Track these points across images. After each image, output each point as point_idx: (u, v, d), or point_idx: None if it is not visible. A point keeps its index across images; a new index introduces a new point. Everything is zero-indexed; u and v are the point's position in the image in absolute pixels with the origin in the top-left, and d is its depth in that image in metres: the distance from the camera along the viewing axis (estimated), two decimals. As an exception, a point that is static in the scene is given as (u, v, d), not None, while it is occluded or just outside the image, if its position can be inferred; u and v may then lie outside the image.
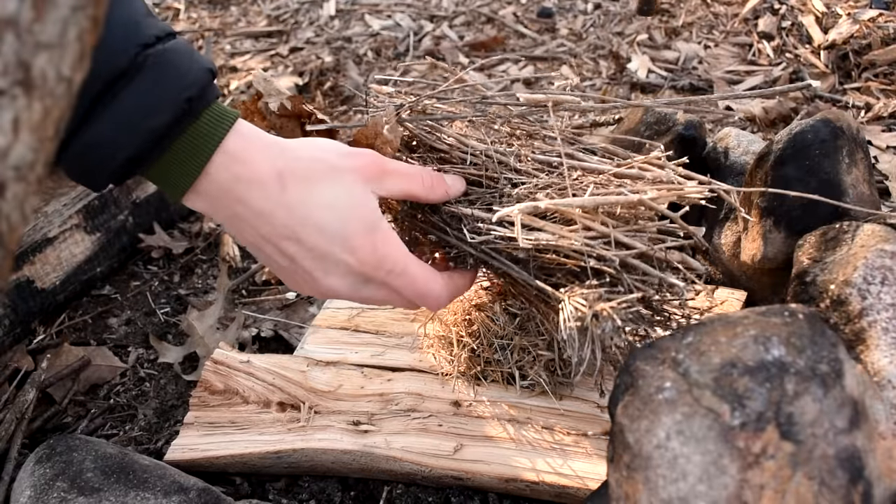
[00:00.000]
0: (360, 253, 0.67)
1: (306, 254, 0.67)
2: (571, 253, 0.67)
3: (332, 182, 0.67)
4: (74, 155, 0.61)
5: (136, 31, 0.61)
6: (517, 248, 0.71)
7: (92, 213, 1.19)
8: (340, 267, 0.68)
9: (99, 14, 0.32)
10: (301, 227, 0.66)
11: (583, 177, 0.75)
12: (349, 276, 0.68)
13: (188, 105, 0.62)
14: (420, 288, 0.71)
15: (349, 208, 0.67)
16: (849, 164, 0.89)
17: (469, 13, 2.21)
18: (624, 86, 1.79)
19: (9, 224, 0.30)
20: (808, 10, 1.89)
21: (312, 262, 0.67)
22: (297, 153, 0.68)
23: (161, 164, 0.64)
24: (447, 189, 0.75)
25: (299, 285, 0.71)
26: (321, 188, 0.67)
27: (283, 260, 0.68)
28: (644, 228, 0.69)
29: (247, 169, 0.65)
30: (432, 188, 0.74)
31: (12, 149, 0.29)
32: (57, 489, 0.74)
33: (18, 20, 0.28)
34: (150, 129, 0.61)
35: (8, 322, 1.09)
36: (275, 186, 0.65)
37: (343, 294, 0.70)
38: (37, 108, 0.30)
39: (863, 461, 0.53)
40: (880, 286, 0.71)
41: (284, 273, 0.70)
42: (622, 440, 0.56)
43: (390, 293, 0.71)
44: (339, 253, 0.67)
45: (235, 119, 0.65)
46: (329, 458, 0.83)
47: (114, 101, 0.59)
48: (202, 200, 0.66)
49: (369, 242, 0.67)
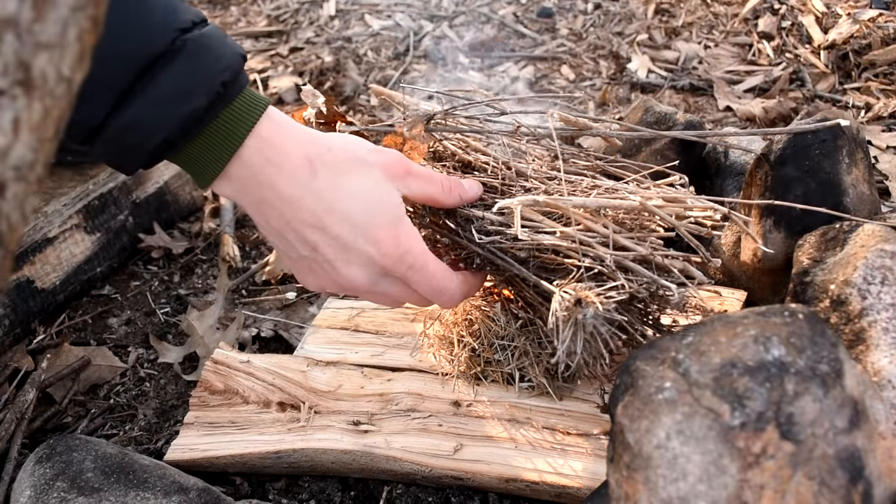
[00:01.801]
0: (384, 245, 0.68)
1: (330, 242, 0.67)
2: (569, 252, 0.69)
3: (361, 174, 0.68)
4: (111, 136, 0.61)
5: (174, 16, 0.62)
6: (520, 248, 0.73)
7: (92, 213, 1.19)
8: (362, 258, 0.68)
9: (99, 14, 0.32)
10: (327, 215, 0.66)
11: (593, 186, 0.78)
12: (370, 268, 0.69)
13: (223, 89, 0.63)
14: (437, 285, 0.71)
15: (375, 201, 0.68)
16: (849, 164, 0.89)
17: (469, 13, 2.21)
18: (624, 86, 1.79)
19: (9, 224, 0.30)
20: (808, 10, 1.89)
21: (335, 252, 0.68)
22: (327, 143, 0.69)
23: (192, 147, 0.64)
24: (464, 193, 0.77)
25: (318, 276, 0.71)
26: (349, 179, 0.68)
27: (305, 248, 0.68)
28: (646, 237, 0.71)
29: (278, 153, 0.66)
30: (451, 192, 0.76)
31: (12, 149, 0.29)
32: (57, 489, 0.74)
33: (18, 20, 0.28)
34: (187, 112, 0.61)
35: (8, 322, 1.09)
36: (305, 172, 0.66)
37: (361, 286, 0.70)
38: (37, 108, 0.30)
39: (863, 461, 0.53)
40: (880, 286, 0.71)
41: (303, 263, 0.71)
42: (622, 440, 0.56)
43: (405, 289, 0.72)
44: (363, 244, 0.67)
45: (267, 105, 0.66)
46: (329, 458, 0.83)
47: (151, 84, 0.60)
48: (231, 185, 0.67)
49: (393, 236, 0.68)
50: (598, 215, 0.71)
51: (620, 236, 0.69)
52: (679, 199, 0.75)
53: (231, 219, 1.38)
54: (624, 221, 0.75)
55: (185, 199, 1.39)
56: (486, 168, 0.81)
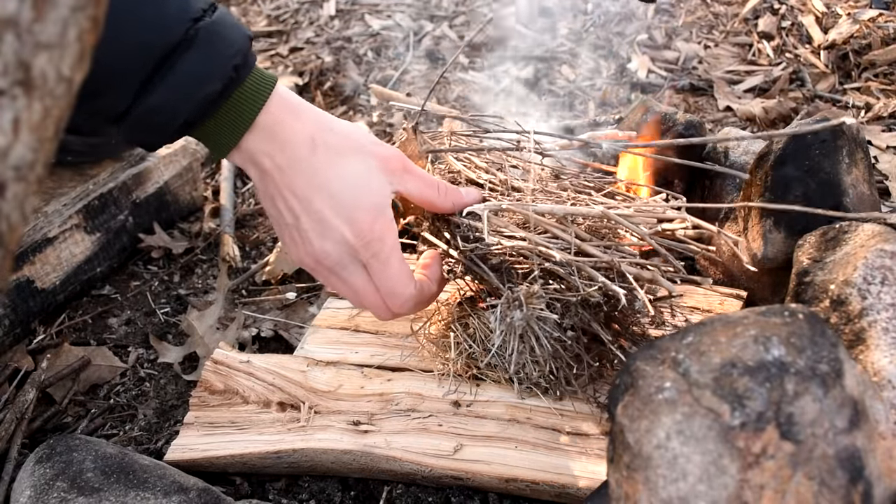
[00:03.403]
0: (359, 227, 0.72)
1: (312, 215, 0.72)
2: (529, 254, 0.73)
3: (357, 160, 0.73)
4: (136, 120, 0.68)
5: (186, 7, 0.67)
6: (494, 254, 0.77)
7: (92, 213, 1.19)
8: (336, 235, 0.72)
9: (99, 14, 0.32)
10: (317, 190, 0.71)
11: (578, 198, 0.83)
12: (341, 246, 0.73)
13: (235, 73, 0.69)
14: (394, 283, 0.75)
15: (364, 187, 0.73)
16: (849, 164, 0.89)
17: (469, 13, 2.21)
18: (624, 86, 1.79)
19: (9, 224, 0.30)
20: (808, 10, 1.89)
21: (313, 224, 0.72)
22: (331, 125, 0.74)
23: (209, 125, 0.70)
24: (459, 199, 0.80)
25: (296, 245, 0.75)
26: (345, 161, 0.73)
27: (290, 216, 0.73)
28: (619, 246, 0.76)
29: (285, 129, 0.72)
30: (446, 195, 0.79)
31: (12, 149, 0.29)
32: (57, 489, 0.74)
33: (18, 20, 0.28)
34: (203, 96, 0.67)
35: (8, 322, 1.09)
36: (306, 148, 0.72)
37: (329, 263, 0.74)
38: (37, 108, 0.30)
39: (863, 461, 0.53)
40: (880, 286, 0.71)
41: (287, 231, 0.75)
42: (622, 440, 0.56)
43: (366, 283, 0.75)
44: (341, 223, 0.72)
45: (275, 82, 0.72)
46: (329, 458, 0.83)
47: (170, 72, 0.66)
48: (241, 155, 0.73)
49: (370, 221, 0.72)
50: (567, 223, 0.75)
51: (588, 244, 0.72)
52: (649, 209, 0.79)
53: (231, 219, 1.38)
54: (598, 231, 0.79)
55: (185, 199, 1.39)
56: (483, 184, 0.85)
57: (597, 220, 0.78)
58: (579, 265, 0.71)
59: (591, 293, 0.70)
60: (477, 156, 0.89)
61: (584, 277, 0.71)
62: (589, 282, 0.71)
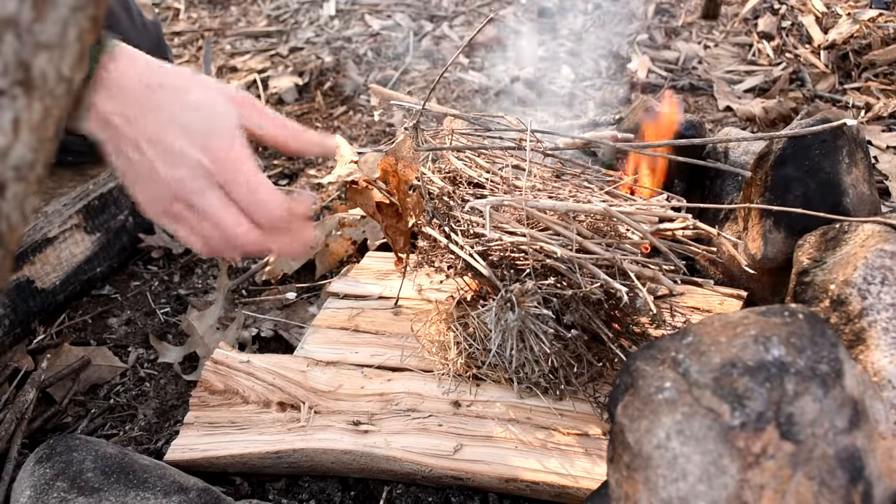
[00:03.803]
0: (214, 152, 0.70)
1: (164, 151, 0.70)
2: (530, 251, 0.74)
3: (202, 92, 0.72)
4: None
5: None
6: (494, 250, 0.76)
7: (92, 213, 1.19)
8: (191, 161, 0.70)
9: (99, 14, 0.32)
10: (167, 126, 0.70)
11: (579, 196, 0.83)
12: (196, 170, 0.70)
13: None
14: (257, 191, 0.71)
15: (215, 116, 0.71)
16: (849, 164, 0.89)
17: (469, 13, 2.21)
18: (624, 86, 1.79)
19: (9, 224, 0.30)
20: (808, 10, 1.89)
21: (165, 157, 0.70)
22: (174, 69, 0.74)
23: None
24: (317, 142, 0.77)
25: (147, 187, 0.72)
26: (191, 94, 0.72)
27: (142, 160, 0.71)
28: (620, 244, 0.76)
29: (129, 81, 0.70)
30: (296, 136, 0.76)
31: (12, 149, 0.29)
32: (57, 489, 0.74)
33: (18, 20, 0.28)
34: None
35: (8, 322, 1.09)
36: (148, 91, 0.71)
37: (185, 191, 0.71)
38: (37, 108, 0.30)
39: (863, 461, 0.53)
40: (880, 286, 0.71)
41: (138, 180, 0.72)
42: (622, 440, 0.56)
43: (224, 203, 0.71)
44: (196, 151, 0.70)
45: (115, 45, 0.71)
46: (329, 458, 0.83)
47: None
48: (98, 122, 0.71)
49: (226, 146, 0.70)
50: (569, 219, 0.75)
51: (590, 241, 0.72)
52: (649, 208, 0.79)
53: (231, 219, 1.38)
54: (600, 229, 0.78)
55: (185, 199, 1.39)
56: (485, 184, 0.86)
57: (598, 218, 0.78)
58: (581, 262, 0.70)
59: (593, 290, 0.70)
60: (478, 154, 0.89)
61: (586, 274, 0.71)
62: (590, 278, 0.70)
